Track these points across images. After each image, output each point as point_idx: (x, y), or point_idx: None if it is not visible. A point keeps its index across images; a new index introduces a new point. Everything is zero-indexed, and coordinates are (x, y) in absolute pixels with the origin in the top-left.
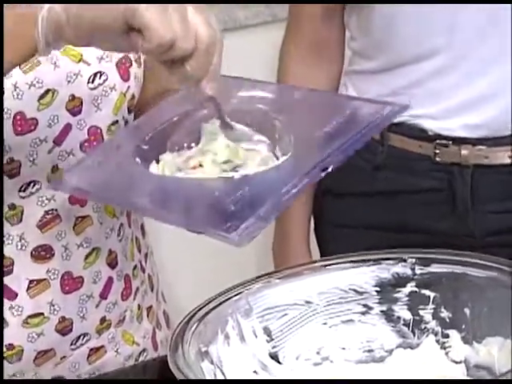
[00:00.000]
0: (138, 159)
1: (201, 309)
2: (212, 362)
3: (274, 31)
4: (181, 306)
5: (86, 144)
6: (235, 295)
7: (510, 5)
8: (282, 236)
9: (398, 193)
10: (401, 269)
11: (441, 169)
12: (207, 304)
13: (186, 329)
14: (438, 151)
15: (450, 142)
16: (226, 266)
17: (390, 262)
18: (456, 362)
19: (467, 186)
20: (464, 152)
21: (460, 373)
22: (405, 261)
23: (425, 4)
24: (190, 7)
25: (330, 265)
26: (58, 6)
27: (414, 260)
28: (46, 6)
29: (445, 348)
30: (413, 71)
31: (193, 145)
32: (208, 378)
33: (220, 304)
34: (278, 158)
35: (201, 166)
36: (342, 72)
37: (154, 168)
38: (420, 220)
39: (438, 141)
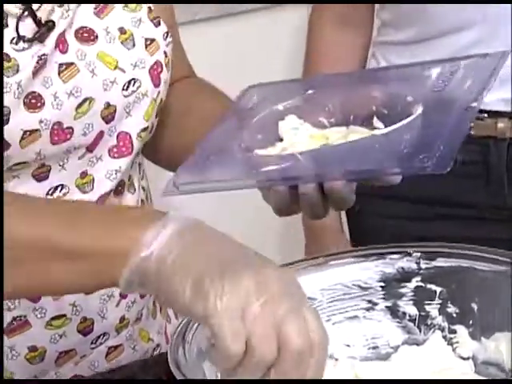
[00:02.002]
0: (256, 151)
1: None
2: None
3: (268, 17)
4: None
5: (114, 150)
6: None
7: None
8: None
9: None
10: (406, 263)
11: (475, 142)
12: None
13: (187, 328)
14: (473, 124)
15: (486, 116)
16: None
17: (395, 256)
18: (464, 359)
19: (503, 158)
20: (500, 125)
21: (468, 369)
22: (410, 255)
23: None
24: (286, 305)
25: (332, 260)
26: (151, 265)
27: (419, 254)
28: (140, 256)
29: (452, 344)
30: (446, 44)
31: (276, 143)
32: (209, 378)
33: None
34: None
35: None
36: (370, 41)
37: None
38: (453, 192)
39: None
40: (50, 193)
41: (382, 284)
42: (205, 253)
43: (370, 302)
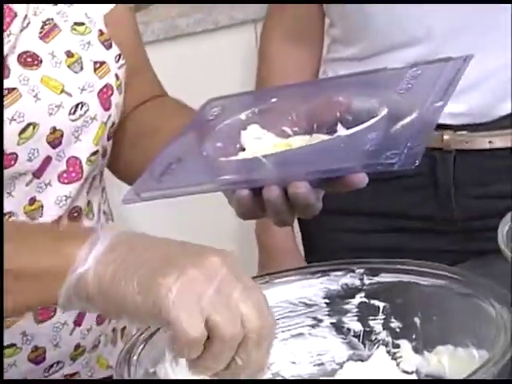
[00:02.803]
0: (222, 158)
1: (147, 329)
2: None
3: (216, 38)
4: None
5: (64, 175)
6: None
7: None
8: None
9: (379, 179)
10: (349, 279)
11: (423, 154)
12: None
13: (132, 351)
14: None
15: None
16: None
17: (339, 273)
18: (407, 373)
19: (449, 170)
20: (446, 137)
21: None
22: (353, 271)
23: None
24: (239, 286)
25: (278, 278)
26: (90, 279)
27: (362, 270)
28: (77, 273)
29: (396, 359)
30: (394, 59)
31: (239, 152)
32: None
33: None
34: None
35: None
36: (321, 59)
37: None
38: (401, 205)
39: None
40: None
41: (327, 301)
42: (143, 257)
43: (315, 318)
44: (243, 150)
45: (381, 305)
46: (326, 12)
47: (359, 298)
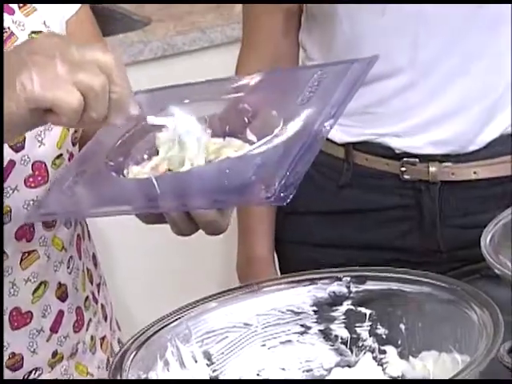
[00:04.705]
0: (113, 173)
1: (139, 336)
2: None
3: (212, 56)
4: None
5: (30, 179)
6: (174, 321)
7: (471, 19)
8: (247, 256)
9: (363, 211)
10: (337, 287)
11: (408, 186)
12: (146, 331)
13: (124, 356)
14: (404, 169)
15: (417, 160)
16: (185, 289)
17: (326, 281)
18: (393, 378)
19: (435, 202)
20: (432, 169)
21: None
22: (340, 279)
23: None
24: (73, 46)
25: (267, 286)
26: None
27: (349, 278)
28: None
29: (382, 364)
30: (376, 90)
31: (152, 156)
32: None
33: (159, 330)
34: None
35: (170, 170)
36: None
37: None
38: (386, 237)
39: (405, 159)
40: None
41: (315, 308)
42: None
43: (303, 326)
44: (157, 153)
45: (367, 312)
46: (304, 47)
47: (346, 305)
